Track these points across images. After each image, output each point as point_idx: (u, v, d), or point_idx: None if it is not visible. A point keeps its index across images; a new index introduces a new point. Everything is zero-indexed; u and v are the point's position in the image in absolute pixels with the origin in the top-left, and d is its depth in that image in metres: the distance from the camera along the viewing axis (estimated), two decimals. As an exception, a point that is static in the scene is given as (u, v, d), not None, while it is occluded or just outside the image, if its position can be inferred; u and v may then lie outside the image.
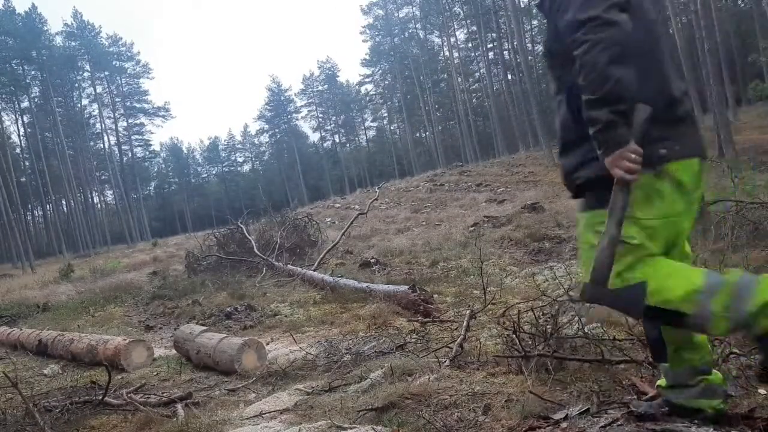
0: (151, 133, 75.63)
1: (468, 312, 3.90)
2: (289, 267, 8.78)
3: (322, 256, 9.49)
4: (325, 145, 69.12)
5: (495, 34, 47.10)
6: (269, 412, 2.79)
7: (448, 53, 51.00)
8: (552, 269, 6.13)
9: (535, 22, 49.09)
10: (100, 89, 56.08)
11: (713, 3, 29.59)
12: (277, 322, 5.80)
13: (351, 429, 2.22)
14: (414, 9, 53.36)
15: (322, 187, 59.12)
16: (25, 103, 49.20)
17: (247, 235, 10.85)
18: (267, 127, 70.37)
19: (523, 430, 1.94)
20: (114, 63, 55.59)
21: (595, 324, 3.05)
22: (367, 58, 59.58)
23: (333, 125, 69.02)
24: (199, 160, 75.87)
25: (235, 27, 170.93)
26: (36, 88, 50.00)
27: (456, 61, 50.61)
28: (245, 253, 10.20)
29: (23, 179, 48.91)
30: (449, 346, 3.30)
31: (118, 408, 3.26)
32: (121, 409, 3.24)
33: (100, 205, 61.88)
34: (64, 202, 54.43)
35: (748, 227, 5.21)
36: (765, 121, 24.48)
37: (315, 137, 70.79)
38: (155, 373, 4.26)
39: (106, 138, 57.16)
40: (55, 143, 48.28)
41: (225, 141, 75.89)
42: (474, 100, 53.46)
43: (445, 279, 6.58)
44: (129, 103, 58.38)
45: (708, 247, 5.02)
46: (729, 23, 38.95)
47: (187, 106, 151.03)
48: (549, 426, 1.92)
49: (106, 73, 55.24)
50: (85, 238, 46.04)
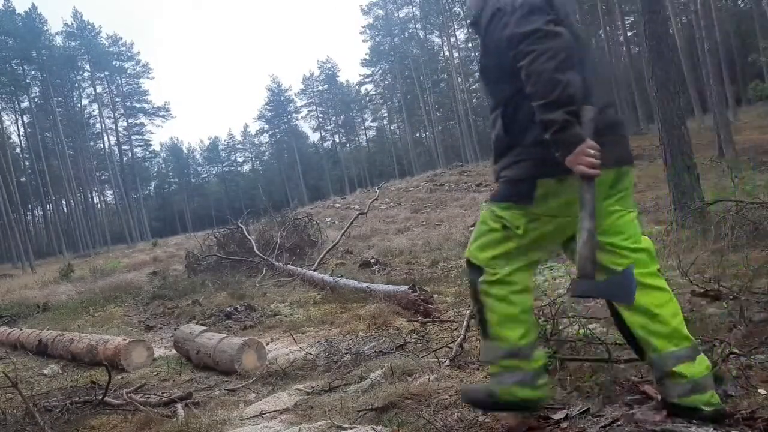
0: (151, 133, 75.73)
1: (468, 312, 3.89)
2: (289, 267, 8.79)
3: (322, 256, 9.50)
4: (325, 145, 69.18)
5: (495, 34, 47.03)
6: (269, 412, 2.79)
7: (448, 53, 51.03)
8: (552, 269, 6.12)
9: (535, 22, 49.10)
10: (100, 89, 56.16)
11: (713, 3, 29.60)
12: (277, 322, 5.80)
13: (351, 429, 2.22)
14: (414, 9, 53.38)
15: (322, 187, 59.15)
16: (25, 103, 49.27)
17: (247, 235, 10.85)
18: (267, 127, 70.40)
19: (523, 430, 1.93)
20: (114, 63, 55.62)
21: (595, 324, 3.05)
22: (367, 58, 59.62)
23: (333, 125, 69.05)
24: (199, 160, 75.92)
25: (235, 27, 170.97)
26: (36, 88, 50.04)
27: (456, 61, 50.62)
28: (245, 253, 10.21)
29: (23, 179, 48.92)
30: (449, 346, 3.30)
31: (118, 408, 3.26)
32: (121, 409, 3.23)
33: (100, 205, 61.93)
34: (64, 202, 54.47)
35: (748, 227, 5.20)
36: (765, 121, 24.49)
37: (315, 137, 70.89)
38: (155, 373, 4.26)
39: (106, 138, 57.24)
40: (55, 143, 48.30)
41: (225, 141, 75.96)
42: (474, 100, 53.42)
43: (445, 279, 6.58)
44: (129, 103, 58.42)
45: (708, 247, 5.02)
46: (729, 23, 38.96)
47: (187, 106, 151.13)
48: (549, 426, 1.92)
49: (106, 73, 55.26)
50: (85, 238, 46.06)
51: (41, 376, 4.76)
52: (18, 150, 51.72)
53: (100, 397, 3.34)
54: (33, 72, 49.04)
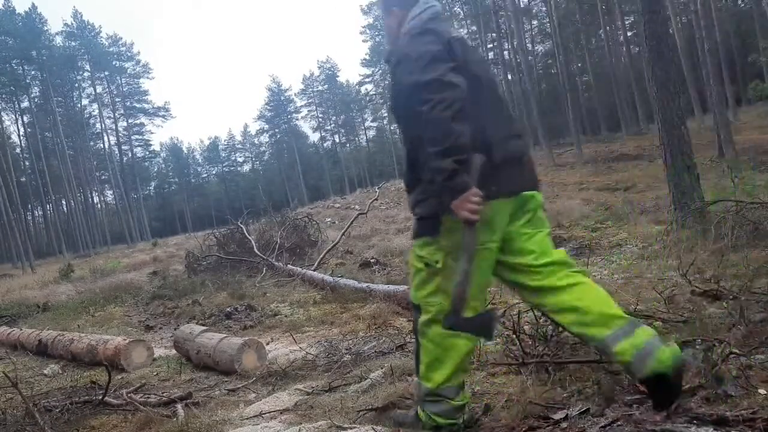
0: (151, 133, 75.74)
1: (468, 312, 3.90)
2: (289, 267, 8.79)
3: (322, 256, 9.49)
4: (325, 145, 69.18)
5: (495, 34, 47.08)
6: (269, 412, 2.79)
7: (448, 53, 50.94)
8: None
9: (535, 22, 49.16)
10: (100, 89, 56.14)
11: (713, 3, 29.60)
12: (277, 322, 5.80)
13: (351, 429, 2.22)
14: (414, 9, 53.30)
15: (322, 187, 59.14)
16: (25, 103, 49.26)
17: (247, 235, 10.85)
18: (267, 127, 70.39)
19: (523, 430, 1.94)
20: (114, 63, 55.61)
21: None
22: (367, 58, 59.61)
23: (333, 125, 69.04)
24: (199, 160, 75.91)
25: (235, 27, 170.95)
26: (36, 88, 50.02)
27: (456, 61, 50.51)
28: (245, 253, 10.21)
29: (23, 179, 48.92)
30: (449, 346, 3.29)
31: (118, 408, 3.26)
32: (121, 409, 3.23)
33: (100, 205, 61.94)
34: (64, 202, 54.47)
35: (748, 227, 5.20)
36: (765, 121, 24.49)
37: (315, 137, 70.88)
38: (155, 373, 4.26)
39: (106, 138, 57.23)
40: (55, 143, 48.28)
41: (225, 141, 75.96)
42: (474, 100, 53.30)
43: (445, 279, 6.57)
44: (129, 103, 58.41)
45: (708, 247, 5.02)
46: (729, 23, 38.96)
47: (187, 106, 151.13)
48: (549, 426, 1.92)
49: (106, 73, 55.25)
50: (85, 238, 46.06)
51: (41, 376, 4.76)
52: (18, 150, 51.72)
53: (100, 397, 3.34)
54: (33, 72, 49.02)
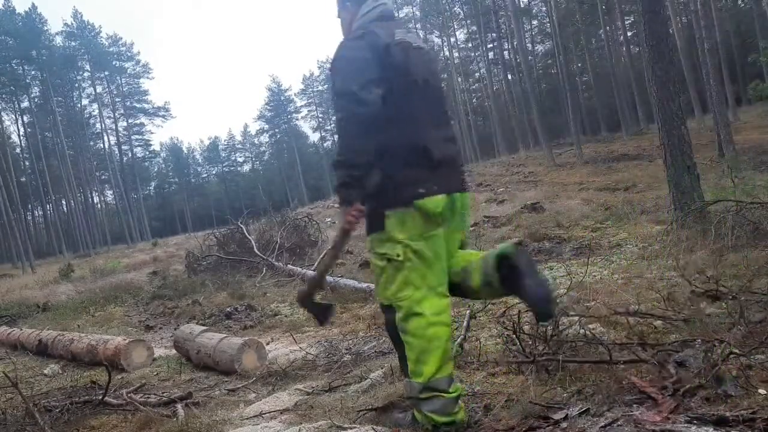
0: (151, 133, 75.85)
1: (468, 312, 3.90)
2: (289, 267, 8.79)
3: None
4: (325, 145, 69.10)
5: (495, 34, 47.10)
6: (269, 412, 2.78)
7: (448, 53, 50.95)
8: (552, 269, 6.12)
9: (535, 22, 49.14)
10: (100, 89, 56.13)
11: (713, 3, 29.60)
12: (277, 322, 5.80)
13: (351, 429, 2.22)
14: (414, 9, 53.31)
15: (322, 187, 59.09)
16: (25, 103, 49.25)
17: (247, 235, 10.85)
18: (267, 127, 70.40)
19: (523, 430, 1.94)
20: (114, 63, 55.59)
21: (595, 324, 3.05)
22: (367, 58, 59.52)
23: (333, 125, 68.97)
24: (199, 160, 75.91)
25: (235, 27, 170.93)
26: (36, 88, 50.00)
27: (456, 61, 50.59)
28: (245, 253, 10.20)
29: (23, 179, 48.92)
30: (449, 346, 3.29)
31: (118, 408, 3.26)
32: (121, 409, 3.23)
33: (100, 205, 61.93)
34: (64, 202, 54.45)
35: (748, 227, 5.20)
36: (765, 121, 24.49)
37: (315, 137, 70.86)
38: (155, 373, 4.26)
39: (106, 138, 57.21)
40: (55, 143, 48.28)
41: (225, 141, 75.96)
42: (474, 100, 53.43)
43: (445, 279, 6.57)
44: (129, 103, 58.40)
45: (708, 247, 5.02)
46: (729, 23, 38.96)
47: (187, 106, 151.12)
48: (549, 426, 1.92)
49: (106, 73, 55.23)
50: (85, 238, 46.05)
51: (41, 376, 4.76)
52: (18, 150, 51.72)
53: (100, 397, 3.34)
54: (33, 72, 49.00)
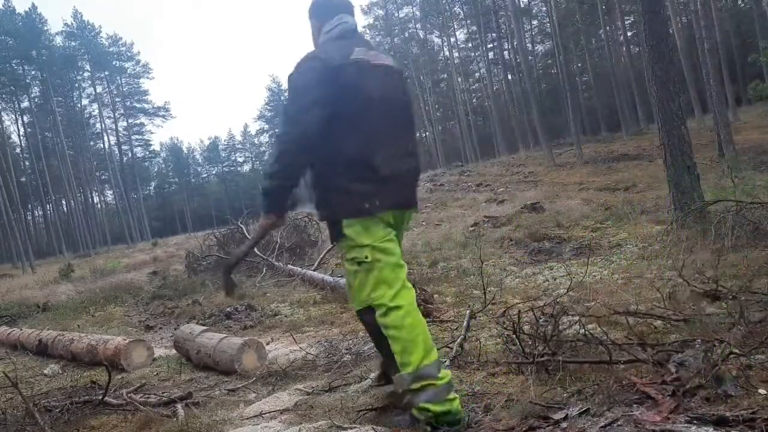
0: (151, 133, 75.88)
1: (468, 312, 3.90)
2: (289, 267, 8.78)
3: (322, 256, 9.48)
4: (325, 145, 69.07)
5: (495, 34, 47.11)
6: (269, 412, 2.78)
7: (448, 53, 50.97)
8: (552, 269, 6.13)
9: (535, 22, 49.13)
10: (100, 89, 56.11)
11: (713, 3, 29.60)
12: (277, 322, 5.80)
13: (351, 429, 2.22)
14: (414, 9, 53.33)
15: (322, 187, 59.01)
16: (25, 103, 49.23)
17: (247, 235, 10.84)
18: (267, 127, 70.39)
19: (523, 430, 1.93)
20: (114, 63, 55.58)
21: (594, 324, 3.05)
22: (367, 58, 59.48)
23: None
24: (199, 160, 75.91)
25: (235, 27, 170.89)
26: (36, 88, 49.99)
27: (456, 61, 50.59)
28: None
29: (23, 179, 48.92)
30: (449, 346, 3.30)
31: (118, 408, 3.25)
32: (121, 409, 3.23)
33: (100, 205, 61.94)
34: (64, 202, 54.45)
35: (748, 227, 5.21)
36: (765, 121, 24.48)
37: (315, 137, 70.72)
38: (155, 373, 4.26)
39: (106, 138, 57.20)
40: (55, 143, 48.27)
41: (225, 141, 75.98)
42: (474, 100, 53.41)
43: (445, 279, 6.58)
44: (129, 103, 58.38)
45: (708, 247, 5.02)
46: (729, 23, 38.97)
47: (187, 106, 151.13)
48: (549, 426, 1.92)
49: (106, 73, 55.22)
50: (85, 238, 46.04)
51: (41, 376, 4.75)
52: (18, 150, 51.71)
53: (100, 397, 3.33)
54: (33, 72, 48.98)
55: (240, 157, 76.95)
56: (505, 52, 47.69)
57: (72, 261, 23.33)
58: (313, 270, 8.23)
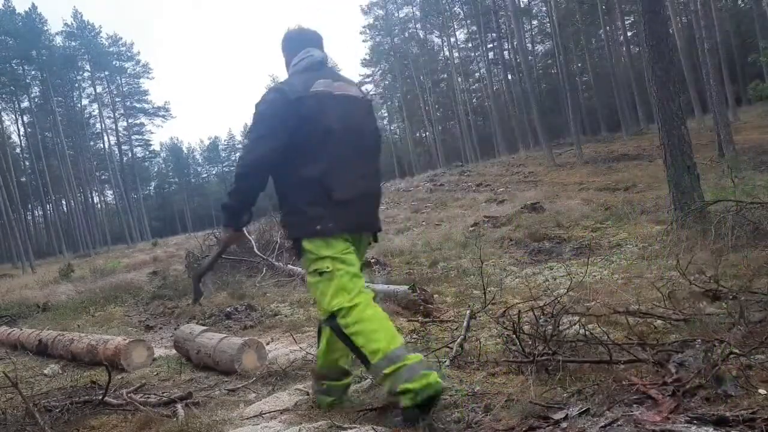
0: (151, 133, 75.90)
1: (468, 312, 3.90)
2: (289, 267, 8.78)
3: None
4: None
5: (495, 34, 47.14)
6: (269, 412, 2.78)
7: (448, 53, 50.98)
8: (552, 269, 6.13)
9: (535, 22, 49.14)
10: (100, 89, 56.13)
11: (713, 3, 29.61)
12: (277, 322, 5.80)
13: (351, 429, 2.22)
14: (414, 9, 53.33)
15: (322, 187, 59.01)
16: (25, 103, 49.27)
17: (247, 234, 10.83)
18: (267, 127, 70.29)
19: (523, 430, 1.93)
20: (114, 63, 55.59)
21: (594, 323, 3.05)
22: (367, 58, 59.54)
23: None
24: (199, 160, 75.95)
25: (235, 27, 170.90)
26: (36, 88, 50.02)
27: (456, 61, 50.59)
28: (245, 253, 10.19)
29: (23, 179, 48.94)
30: (449, 346, 3.30)
31: (118, 408, 3.25)
32: (121, 409, 3.23)
33: (100, 205, 61.95)
34: (64, 202, 54.47)
35: (748, 227, 5.21)
36: (765, 121, 24.49)
37: (315, 137, 70.73)
38: (155, 373, 4.26)
39: (106, 138, 57.22)
40: (55, 143, 48.28)
41: (225, 141, 76.00)
42: (474, 100, 53.43)
43: (445, 279, 6.58)
44: (129, 103, 58.39)
45: (708, 247, 5.02)
46: (729, 23, 38.97)
47: (187, 106, 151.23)
48: (549, 426, 1.92)
49: (106, 73, 55.24)
50: (85, 238, 46.06)
51: (41, 376, 4.75)
52: (18, 150, 51.72)
53: (100, 397, 3.33)
54: (33, 72, 49.01)
55: (240, 157, 76.99)
56: (505, 52, 47.72)
57: (72, 261, 23.34)
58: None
